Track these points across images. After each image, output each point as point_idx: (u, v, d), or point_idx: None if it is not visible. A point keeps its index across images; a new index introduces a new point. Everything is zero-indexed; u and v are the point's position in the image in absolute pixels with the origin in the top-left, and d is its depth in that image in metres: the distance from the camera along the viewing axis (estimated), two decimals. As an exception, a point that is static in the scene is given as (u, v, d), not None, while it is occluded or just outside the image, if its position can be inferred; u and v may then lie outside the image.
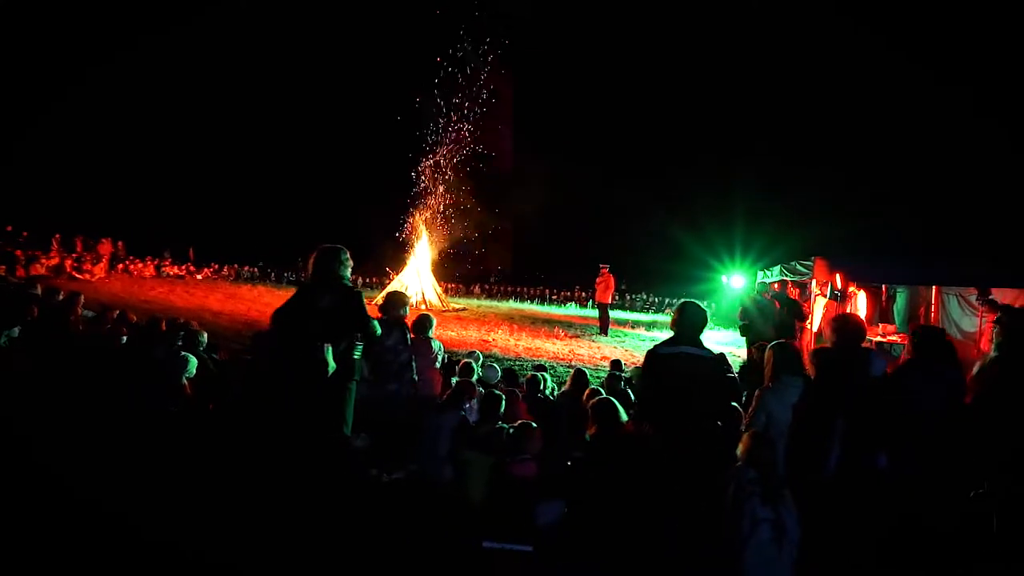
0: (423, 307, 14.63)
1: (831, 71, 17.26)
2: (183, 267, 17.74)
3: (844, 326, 2.61)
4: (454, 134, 17.37)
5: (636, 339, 11.49)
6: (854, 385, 2.53)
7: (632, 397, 4.18)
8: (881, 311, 10.20)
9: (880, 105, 16.26)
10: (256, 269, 20.44)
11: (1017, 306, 6.67)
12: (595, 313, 17.22)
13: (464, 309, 15.32)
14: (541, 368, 5.20)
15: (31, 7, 19.78)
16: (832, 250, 8.05)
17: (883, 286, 9.82)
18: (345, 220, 25.03)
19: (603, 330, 11.62)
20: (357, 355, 3.10)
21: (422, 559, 2.79)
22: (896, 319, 10.31)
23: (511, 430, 3.01)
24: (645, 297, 20.34)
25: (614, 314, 17.38)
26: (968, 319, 8.04)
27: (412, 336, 3.89)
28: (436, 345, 3.99)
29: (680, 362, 2.46)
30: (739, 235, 16.61)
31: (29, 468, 3.17)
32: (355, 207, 24.60)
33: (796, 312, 7.29)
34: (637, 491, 2.80)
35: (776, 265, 10.46)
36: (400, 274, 15.83)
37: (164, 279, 16.11)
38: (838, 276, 7.46)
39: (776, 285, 8.60)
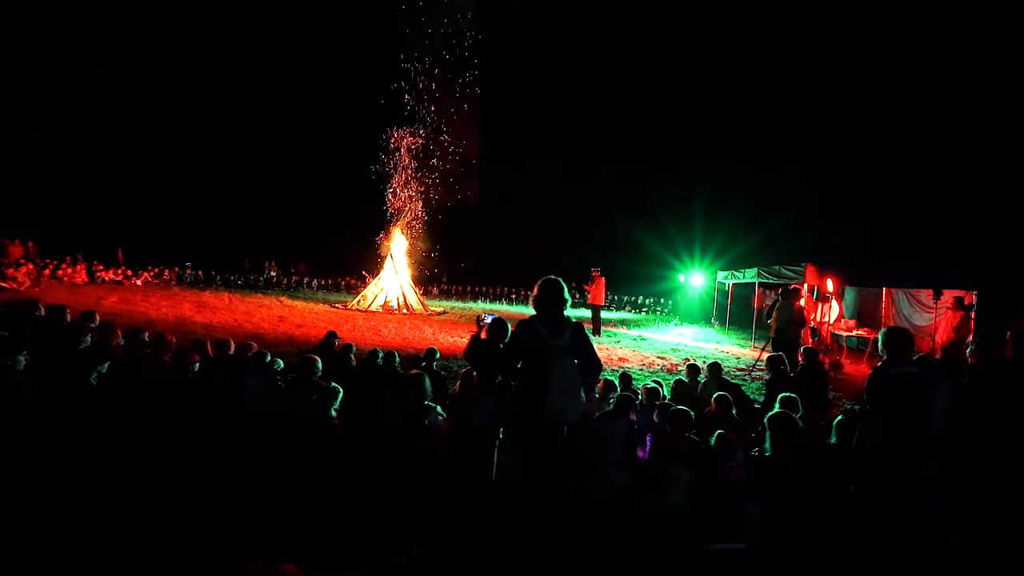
0: (404, 311, 14.38)
1: (790, 77, 18.89)
2: (118, 271, 15.83)
3: (991, 345, 3.26)
4: (419, 131, 17.03)
5: (628, 339, 12.21)
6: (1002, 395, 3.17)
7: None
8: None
9: (840, 110, 17.98)
10: (200, 272, 18.69)
11: (968, 303, 8.12)
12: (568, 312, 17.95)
13: (444, 312, 15.24)
14: (628, 377, 5.54)
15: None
16: (813, 255, 9.17)
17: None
18: (286, 218, 23.78)
19: (596, 331, 12.21)
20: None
21: (658, 565, 3.08)
22: (846, 315, 11.91)
23: (713, 442, 3.36)
24: (606, 295, 21.37)
25: (578, 312, 18.20)
26: (919, 315, 9.60)
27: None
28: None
29: (910, 378, 2.95)
30: (697, 235, 17.98)
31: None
32: (306, 207, 23.38)
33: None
34: (831, 488, 3.28)
35: (753, 267, 11.64)
36: (377, 277, 15.35)
37: (101, 285, 14.33)
38: (829, 280, 8.58)
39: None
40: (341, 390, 3.88)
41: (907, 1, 15.69)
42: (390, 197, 16.19)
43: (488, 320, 3.62)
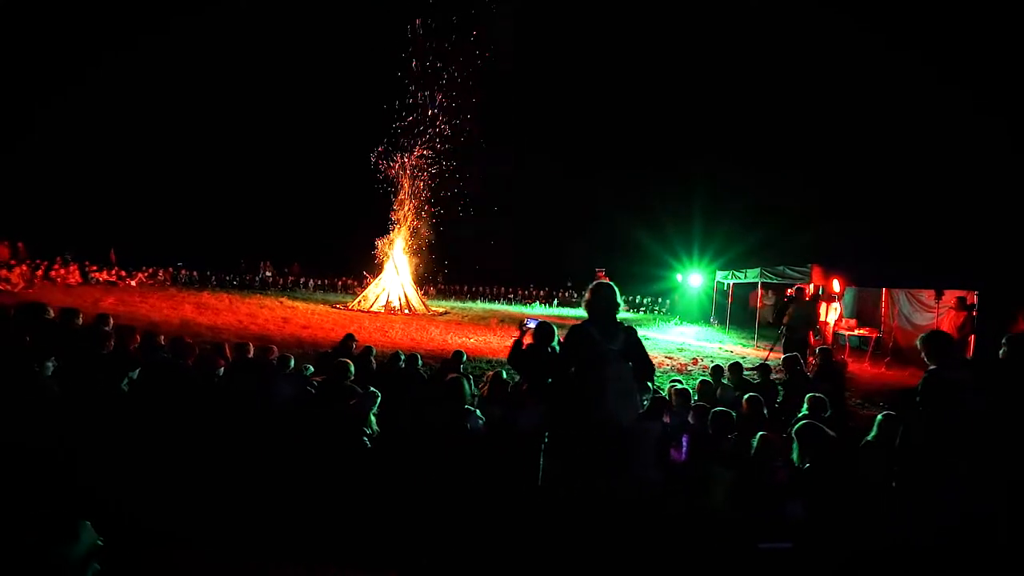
0: (406, 312, 14.32)
1: (790, 77, 19.07)
2: (111, 272, 15.53)
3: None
4: (420, 133, 16.93)
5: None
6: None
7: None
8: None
9: (841, 110, 18.17)
10: (195, 272, 18.42)
11: (969, 303, 8.29)
12: (568, 312, 18.06)
13: (446, 312, 15.20)
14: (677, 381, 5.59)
15: None
16: (819, 256, 9.32)
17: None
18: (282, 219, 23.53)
19: (600, 330, 12.23)
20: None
21: (703, 565, 3.12)
22: (845, 314, 12.10)
23: (755, 443, 3.41)
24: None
25: (577, 312, 18.26)
26: (919, 314, 9.79)
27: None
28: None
29: (963, 382, 3.03)
30: (696, 235, 18.13)
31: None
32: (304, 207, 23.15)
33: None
34: (868, 487, 3.35)
35: (755, 268, 11.78)
36: (378, 278, 15.26)
37: (96, 286, 14.06)
38: (835, 281, 8.71)
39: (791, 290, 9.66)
40: (379, 394, 3.86)
41: (908, 1, 15.92)
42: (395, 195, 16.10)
43: (532, 324, 3.63)
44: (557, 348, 3.68)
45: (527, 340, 3.77)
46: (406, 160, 15.88)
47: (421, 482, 3.48)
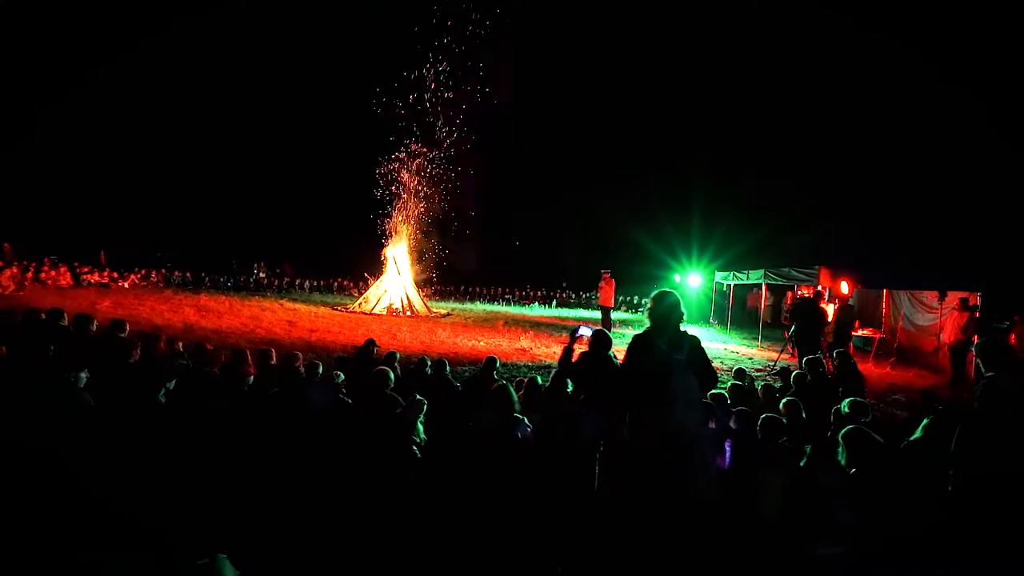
0: (408, 314, 14.21)
1: (790, 78, 19.27)
2: (103, 273, 15.13)
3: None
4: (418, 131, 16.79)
5: (637, 339, 12.33)
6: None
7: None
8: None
9: (842, 111, 18.40)
10: (188, 273, 18.04)
11: (972, 303, 8.49)
12: (567, 313, 18.12)
13: (448, 314, 15.10)
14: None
15: None
16: (826, 257, 9.47)
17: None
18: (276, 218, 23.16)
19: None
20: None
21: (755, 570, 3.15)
22: (845, 314, 12.28)
23: (808, 448, 3.44)
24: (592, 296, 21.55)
25: (576, 313, 18.32)
26: (920, 315, 9.99)
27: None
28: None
29: (1019, 389, 3.10)
30: (695, 235, 18.28)
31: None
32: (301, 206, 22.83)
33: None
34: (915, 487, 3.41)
35: (758, 268, 11.90)
36: (379, 279, 15.11)
37: (88, 288, 13.69)
38: (844, 282, 8.85)
39: (808, 291, 9.76)
40: (426, 402, 3.81)
41: (909, 1, 16.13)
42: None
43: (583, 332, 3.61)
44: (613, 357, 3.68)
45: (577, 348, 3.75)
46: (405, 158, 15.77)
47: (477, 491, 3.44)
